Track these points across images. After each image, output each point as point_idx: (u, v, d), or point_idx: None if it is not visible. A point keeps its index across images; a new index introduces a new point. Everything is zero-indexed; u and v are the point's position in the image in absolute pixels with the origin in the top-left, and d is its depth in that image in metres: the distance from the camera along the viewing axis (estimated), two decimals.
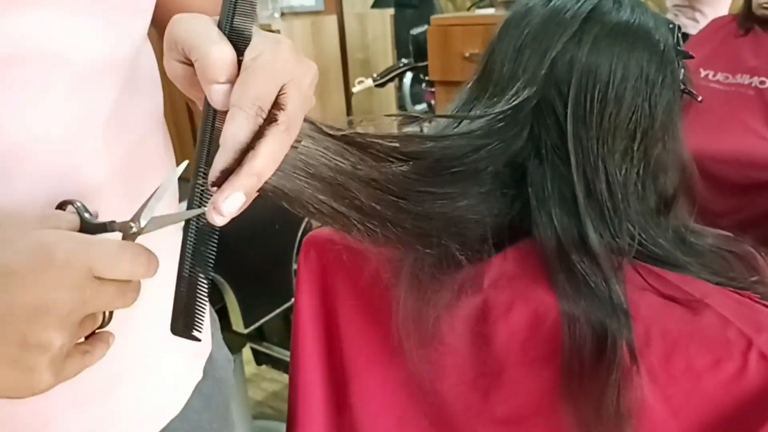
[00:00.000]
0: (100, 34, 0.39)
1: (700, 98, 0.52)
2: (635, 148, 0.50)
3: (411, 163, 0.44)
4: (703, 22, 2.05)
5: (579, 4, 0.51)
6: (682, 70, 0.52)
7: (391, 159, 0.43)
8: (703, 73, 1.83)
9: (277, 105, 0.31)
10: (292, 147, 0.34)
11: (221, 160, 0.30)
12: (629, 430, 0.45)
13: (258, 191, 0.33)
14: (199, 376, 0.56)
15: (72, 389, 0.39)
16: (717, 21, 1.90)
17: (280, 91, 0.32)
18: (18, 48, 0.35)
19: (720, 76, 1.81)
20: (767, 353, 0.42)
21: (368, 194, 0.41)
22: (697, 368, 0.44)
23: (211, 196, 0.31)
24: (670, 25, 0.52)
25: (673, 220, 0.54)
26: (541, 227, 0.51)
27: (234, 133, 0.30)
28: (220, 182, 0.31)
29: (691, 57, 0.52)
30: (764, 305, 0.46)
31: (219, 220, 0.31)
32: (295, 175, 0.37)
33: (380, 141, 0.42)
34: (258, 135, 0.31)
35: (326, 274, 0.65)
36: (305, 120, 0.36)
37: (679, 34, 0.52)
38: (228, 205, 0.31)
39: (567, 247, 0.49)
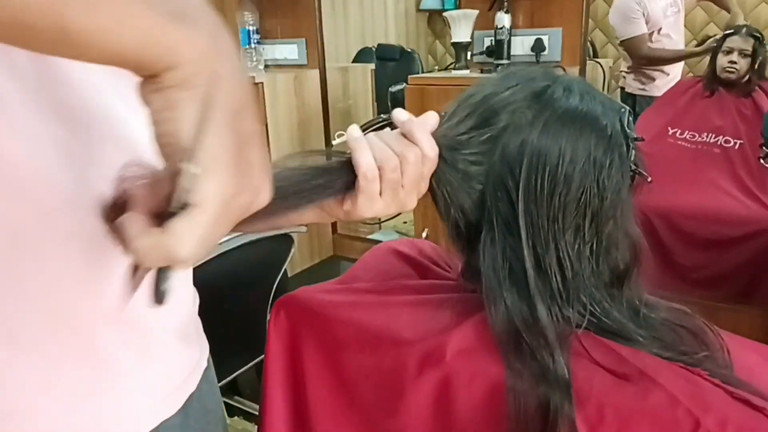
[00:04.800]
0: None
1: (649, 179, 0.55)
2: (586, 225, 0.52)
3: None
4: (649, 84, 2.19)
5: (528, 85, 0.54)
6: (633, 152, 0.55)
7: None
8: (671, 131, 1.90)
9: None
10: None
11: None
12: None
13: None
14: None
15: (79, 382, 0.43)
16: (684, 82, 1.99)
17: None
18: None
19: (687, 135, 1.89)
20: None
21: None
22: None
23: None
24: (622, 110, 0.55)
25: (627, 293, 0.55)
26: (492, 303, 0.52)
27: None
28: None
29: (641, 140, 0.55)
30: (713, 383, 0.47)
31: None
32: None
33: None
34: None
35: (295, 336, 0.66)
36: None
37: (630, 118, 0.55)
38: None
39: (516, 321, 0.51)
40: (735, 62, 1.77)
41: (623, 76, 2.23)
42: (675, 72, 2.17)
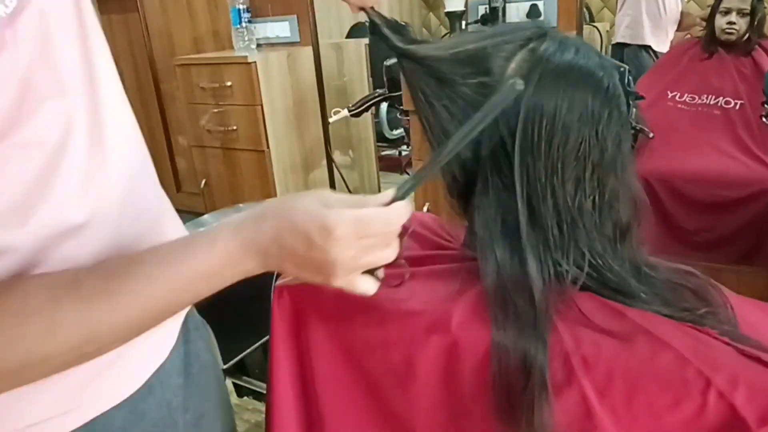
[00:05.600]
0: None
1: (651, 135, 0.54)
2: (587, 177, 0.52)
3: None
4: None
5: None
6: (634, 110, 0.54)
7: None
8: (670, 94, 1.88)
9: None
10: None
11: None
12: None
13: None
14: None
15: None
16: (681, 44, 1.96)
17: None
18: None
19: (687, 97, 1.86)
20: (725, 392, 0.43)
21: None
22: (658, 407, 0.44)
23: None
24: (621, 68, 0.54)
25: (629, 251, 0.55)
26: (483, 258, 0.52)
27: None
28: None
29: (642, 98, 0.54)
30: (723, 341, 0.47)
31: None
32: None
33: None
34: None
35: (298, 315, 0.66)
36: None
37: (630, 77, 0.54)
38: None
39: (504, 276, 0.50)
40: (734, 23, 1.74)
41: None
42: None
